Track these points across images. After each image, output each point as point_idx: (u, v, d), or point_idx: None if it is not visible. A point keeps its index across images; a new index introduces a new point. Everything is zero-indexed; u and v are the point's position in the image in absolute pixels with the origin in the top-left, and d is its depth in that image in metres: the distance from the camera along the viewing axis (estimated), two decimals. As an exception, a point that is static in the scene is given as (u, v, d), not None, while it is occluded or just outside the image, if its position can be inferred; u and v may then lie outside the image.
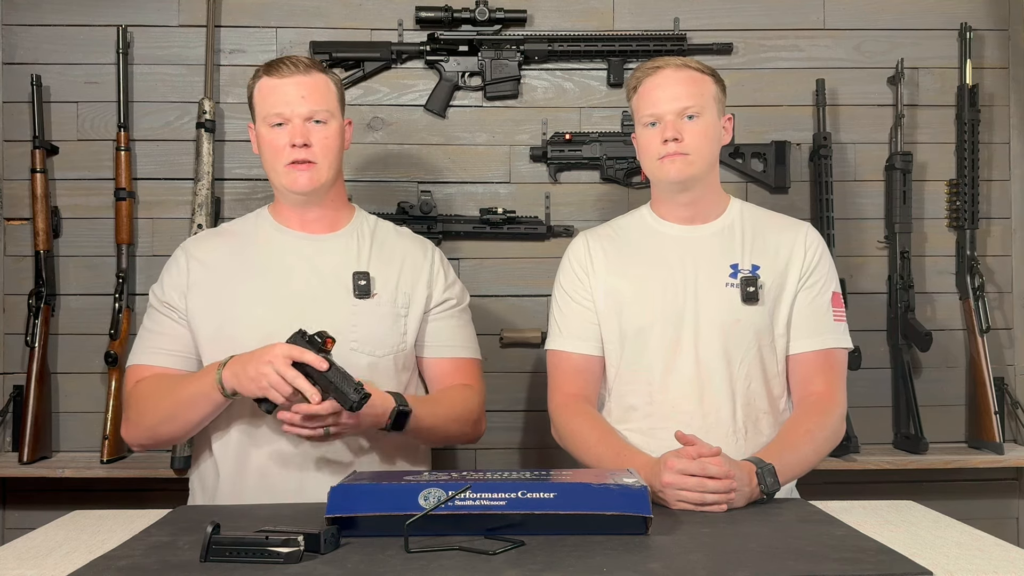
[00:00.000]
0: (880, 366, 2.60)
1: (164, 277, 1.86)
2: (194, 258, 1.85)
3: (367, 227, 1.91)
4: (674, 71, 1.80)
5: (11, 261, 2.55)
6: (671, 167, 1.78)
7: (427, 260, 1.91)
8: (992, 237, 2.66)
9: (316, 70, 1.81)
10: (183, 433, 1.79)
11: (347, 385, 1.56)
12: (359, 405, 1.57)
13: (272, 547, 1.21)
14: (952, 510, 1.62)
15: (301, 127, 1.77)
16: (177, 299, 1.81)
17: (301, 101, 1.78)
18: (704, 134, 1.78)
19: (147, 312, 1.87)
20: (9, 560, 1.30)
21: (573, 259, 1.92)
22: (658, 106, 1.79)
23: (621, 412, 1.84)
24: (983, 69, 2.65)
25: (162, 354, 1.81)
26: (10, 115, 2.54)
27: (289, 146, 1.77)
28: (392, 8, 2.59)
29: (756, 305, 1.80)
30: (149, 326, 1.84)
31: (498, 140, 2.61)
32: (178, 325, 1.81)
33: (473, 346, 1.95)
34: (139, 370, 1.81)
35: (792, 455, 1.69)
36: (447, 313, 1.91)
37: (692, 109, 1.78)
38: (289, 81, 1.78)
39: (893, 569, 1.18)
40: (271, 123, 1.78)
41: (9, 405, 2.49)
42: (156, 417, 1.75)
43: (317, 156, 1.78)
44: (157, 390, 1.76)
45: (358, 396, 1.56)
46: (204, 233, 2.02)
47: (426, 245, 1.95)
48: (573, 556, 1.22)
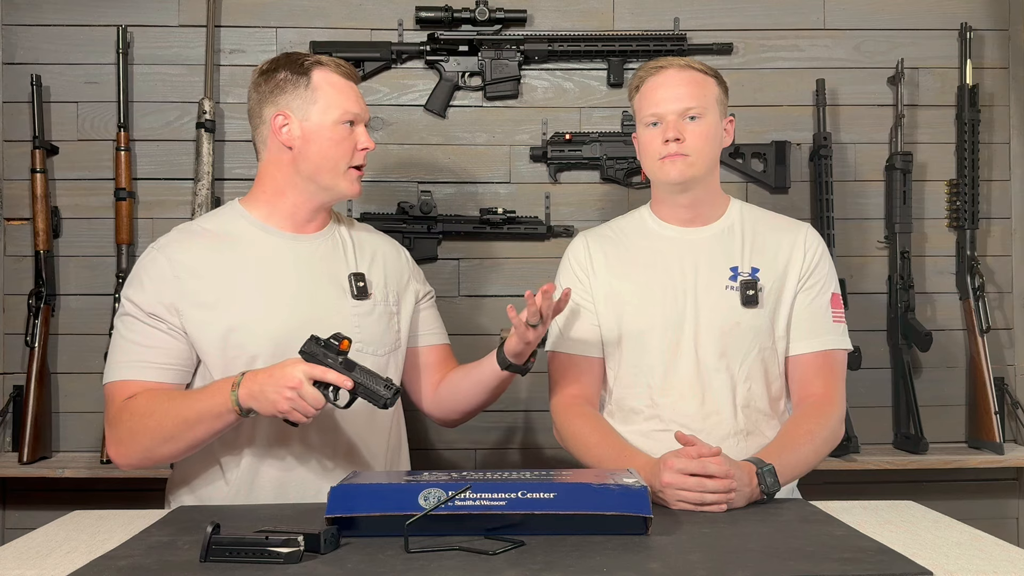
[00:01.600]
0: (880, 366, 2.60)
1: (145, 285, 1.71)
2: (181, 265, 1.72)
3: (343, 226, 1.91)
4: (677, 71, 1.80)
5: (11, 261, 2.55)
6: (672, 168, 1.78)
7: (402, 258, 1.96)
8: (992, 237, 2.66)
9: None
10: (185, 453, 1.68)
11: (376, 383, 1.55)
12: (392, 401, 1.56)
13: (272, 547, 1.21)
14: (952, 510, 1.63)
15: (367, 134, 1.83)
16: (165, 311, 1.69)
17: (366, 110, 1.84)
18: (705, 135, 1.78)
19: (123, 322, 1.72)
20: (9, 560, 1.30)
21: (573, 260, 1.92)
22: (660, 106, 1.79)
23: (622, 414, 1.84)
24: (983, 69, 2.65)
25: (152, 368, 1.68)
26: (10, 115, 2.54)
27: (358, 150, 1.80)
28: (392, 8, 2.59)
29: (756, 308, 1.80)
30: (130, 337, 1.70)
31: (498, 140, 2.61)
32: (168, 337, 1.70)
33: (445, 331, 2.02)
34: (126, 386, 1.68)
35: (792, 455, 1.69)
36: (429, 303, 1.98)
37: (694, 110, 1.77)
38: (353, 86, 1.82)
39: (893, 569, 1.18)
40: (346, 123, 1.79)
41: (9, 405, 2.49)
42: (155, 438, 1.64)
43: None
44: (155, 409, 1.64)
45: (389, 392, 1.55)
46: (178, 234, 1.81)
47: (394, 242, 1.99)
48: (573, 556, 1.23)
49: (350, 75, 1.82)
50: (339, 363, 1.56)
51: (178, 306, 1.70)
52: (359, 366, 1.57)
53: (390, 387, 1.55)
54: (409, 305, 1.90)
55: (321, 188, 1.79)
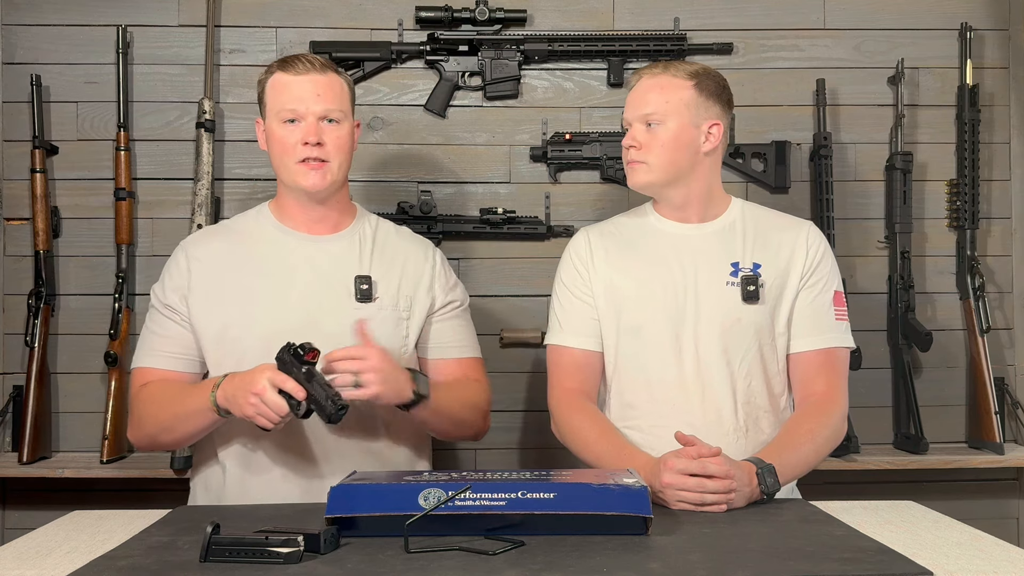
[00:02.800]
0: (880, 366, 2.60)
1: (165, 278, 1.84)
2: (194, 259, 1.83)
3: (368, 229, 1.90)
4: (648, 78, 1.82)
5: (11, 261, 2.55)
6: (632, 174, 1.82)
7: (428, 263, 1.90)
8: (992, 237, 2.66)
9: (331, 70, 1.81)
10: (183, 443, 1.80)
11: (326, 398, 1.55)
12: (337, 417, 1.55)
13: (272, 547, 1.21)
14: (952, 510, 1.63)
15: (315, 125, 1.76)
16: (178, 301, 1.80)
17: (316, 99, 1.77)
18: (662, 142, 1.78)
19: (149, 312, 1.85)
20: (9, 560, 1.30)
21: (574, 254, 1.92)
22: (627, 111, 1.83)
23: (621, 410, 1.84)
24: (983, 69, 2.64)
25: (165, 357, 1.80)
26: (10, 115, 2.54)
27: (301, 144, 1.76)
28: (392, 8, 2.59)
29: (757, 304, 1.79)
30: (152, 327, 1.83)
31: (498, 140, 2.60)
32: (180, 327, 1.80)
33: (474, 344, 1.95)
34: (144, 373, 1.81)
35: (793, 455, 1.69)
36: (451, 314, 1.91)
37: (653, 117, 1.78)
38: (304, 79, 1.77)
39: (893, 569, 1.18)
40: (283, 119, 1.77)
41: (9, 405, 2.49)
42: (156, 426, 1.76)
43: (330, 155, 1.78)
44: (159, 399, 1.75)
45: (334, 408, 1.55)
46: (204, 231, 1.99)
47: (427, 247, 1.95)
48: (573, 556, 1.22)
49: (306, 69, 1.77)
50: (302, 373, 1.57)
51: (188, 298, 1.79)
52: (316, 379, 1.57)
53: (336, 402, 1.55)
54: (419, 314, 1.86)
55: (287, 187, 1.83)
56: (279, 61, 1.83)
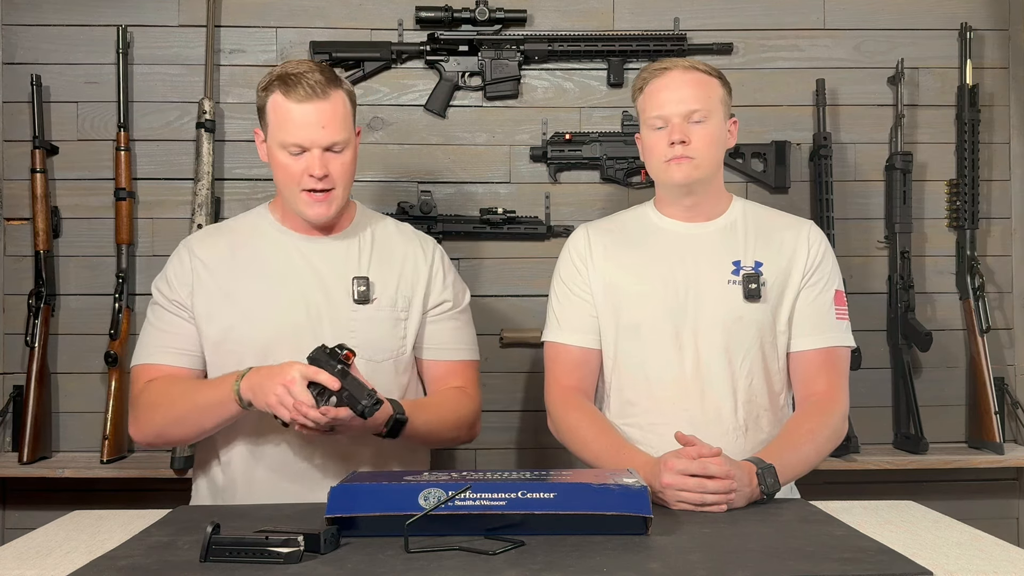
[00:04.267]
0: (880, 366, 2.60)
1: (169, 274, 1.83)
2: (197, 258, 1.82)
3: (368, 228, 1.89)
4: (682, 73, 1.79)
5: (11, 261, 2.55)
6: (677, 170, 1.78)
7: (427, 261, 1.89)
8: (992, 237, 2.66)
9: (332, 88, 1.73)
10: (194, 437, 1.78)
11: (361, 393, 1.56)
12: (371, 411, 1.56)
13: (272, 547, 1.21)
14: (952, 510, 1.62)
15: (319, 158, 1.72)
16: (185, 297, 1.79)
17: (320, 132, 1.71)
18: (711, 138, 1.78)
19: (151, 308, 1.84)
20: (9, 560, 1.30)
21: (573, 251, 1.91)
22: (665, 108, 1.78)
23: (620, 407, 1.83)
24: (983, 69, 2.65)
25: (172, 353, 1.79)
26: (10, 115, 2.54)
27: (307, 175, 1.73)
28: (392, 8, 2.59)
29: (758, 302, 1.79)
30: (155, 323, 1.81)
31: (498, 140, 2.61)
32: (187, 323, 1.80)
33: (470, 348, 1.93)
34: (148, 369, 1.79)
35: (793, 455, 1.69)
36: (445, 315, 1.90)
37: (699, 113, 1.77)
38: (308, 108, 1.70)
39: (893, 569, 1.18)
40: (289, 152, 1.73)
41: (9, 405, 2.49)
42: (167, 420, 1.74)
43: (335, 183, 1.75)
44: (170, 393, 1.74)
45: (370, 402, 1.56)
46: (205, 231, 1.98)
47: (427, 244, 1.93)
48: (573, 556, 1.22)
49: (309, 96, 1.70)
50: (336, 370, 1.58)
51: (192, 297, 1.79)
52: (351, 376, 1.58)
53: (371, 396, 1.56)
54: (417, 313, 1.86)
55: (288, 203, 1.80)
56: (280, 79, 1.73)
